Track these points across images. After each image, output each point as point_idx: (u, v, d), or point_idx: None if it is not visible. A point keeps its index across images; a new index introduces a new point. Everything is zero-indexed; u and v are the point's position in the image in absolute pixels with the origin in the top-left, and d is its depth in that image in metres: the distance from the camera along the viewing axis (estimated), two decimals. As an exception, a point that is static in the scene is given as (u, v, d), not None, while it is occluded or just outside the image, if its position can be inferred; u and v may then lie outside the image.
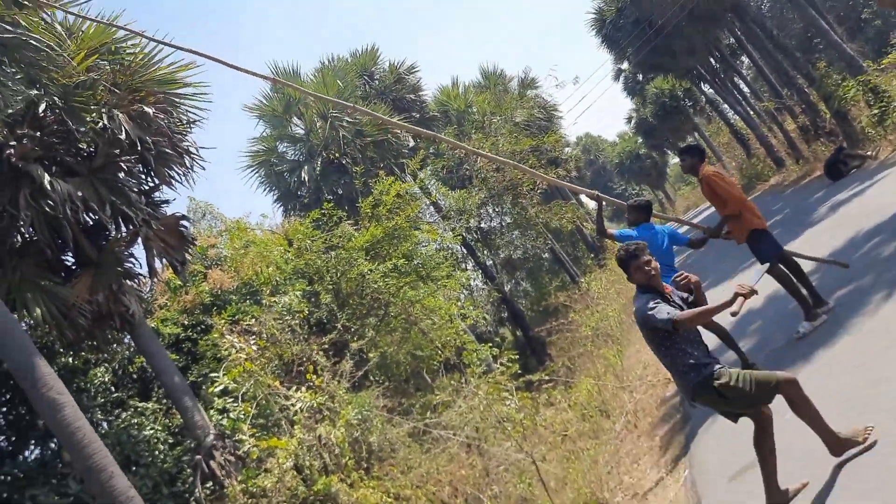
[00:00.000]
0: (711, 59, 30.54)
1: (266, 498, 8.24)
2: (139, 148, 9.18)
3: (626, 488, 7.31)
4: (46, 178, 8.22)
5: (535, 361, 22.27)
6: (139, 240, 9.70)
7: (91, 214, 9.34)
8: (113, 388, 11.79)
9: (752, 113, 32.09)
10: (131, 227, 9.64)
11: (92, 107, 8.94)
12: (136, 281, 10.26)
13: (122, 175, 9.37)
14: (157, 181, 10.14)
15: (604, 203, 7.89)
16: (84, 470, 6.44)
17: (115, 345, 10.37)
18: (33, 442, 10.35)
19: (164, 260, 9.98)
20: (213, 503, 8.73)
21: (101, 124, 8.95)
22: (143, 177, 10.15)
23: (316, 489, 8.27)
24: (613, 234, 7.50)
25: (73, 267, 9.71)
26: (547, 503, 8.07)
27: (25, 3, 7.54)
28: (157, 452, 9.95)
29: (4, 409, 10.63)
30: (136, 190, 9.72)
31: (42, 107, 8.52)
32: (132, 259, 9.97)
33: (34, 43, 7.79)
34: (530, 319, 25.08)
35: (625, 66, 36.46)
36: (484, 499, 8.60)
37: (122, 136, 8.97)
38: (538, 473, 8.56)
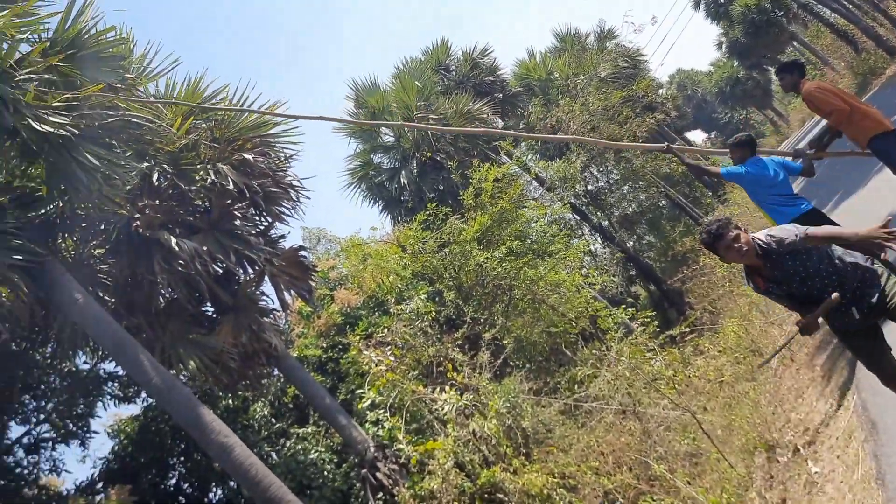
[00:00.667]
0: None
1: (436, 499, 8.48)
2: (247, 194, 9.65)
3: (795, 425, 7.01)
4: (173, 240, 8.81)
5: (675, 313, 21.73)
6: (266, 278, 10.20)
7: (219, 264, 9.90)
8: (273, 420, 12.51)
9: (850, 7, 29.71)
10: (257, 268, 10.15)
11: (198, 165, 9.48)
12: (272, 316, 10.79)
13: (237, 222, 9.85)
14: (270, 219, 10.61)
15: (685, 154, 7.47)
16: (263, 503, 6.85)
17: (265, 380, 10.93)
18: (214, 483, 11.17)
19: (291, 292, 10.45)
20: (387, 512, 9.07)
21: (209, 180, 9.47)
22: (258, 218, 10.65)
23: (480, 483, 8.43)
24: (719, 171, 7.05)
25: (214, 315, 10.34)
26: (714, 454, 7.90)
27: (119, 85, 8.07)
28: (326, 472, 10.45)
29: (182, 457, 11.51)
30: (253, 233, 10.23)
31: (155, 176, 9.12)
32: (264, 297, 10.50)
33: (135, 121, 8.32)
34: (661, 271, 24.40)
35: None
36: (650, 462, 8.47)
37: (230, 187, 9.47)
38: (699, 426, 8.40)
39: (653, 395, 9.48)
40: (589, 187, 24.85)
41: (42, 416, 12.42)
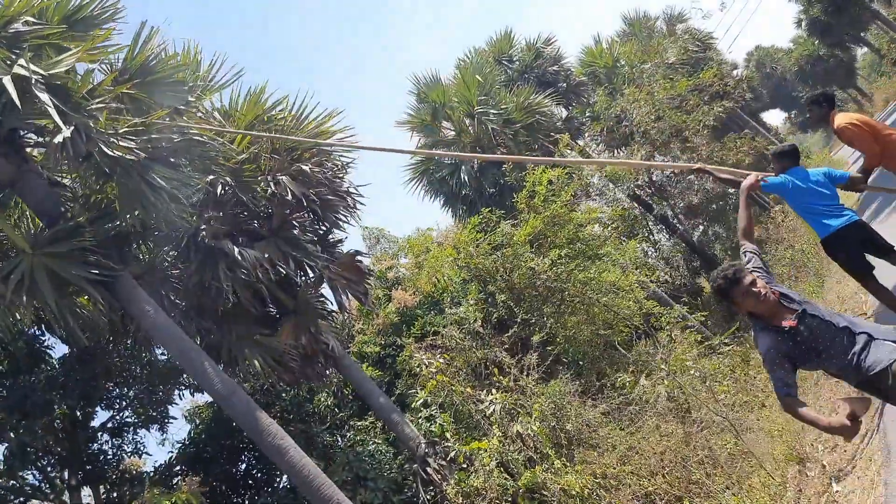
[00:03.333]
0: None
1: (480, 496, 8.90)
2: (304, 203, 10.21)
3: (826, 440, 7.08)
4: (236, 250, 9.47)
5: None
6: (324, 282, 10.78)
7: (280, 268, 10.52)
8: (337, 409, 13.16)
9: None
10: (315, 273, 10.73)
11: (258, 177, 10.08)
12: (331, 317, 11.37)
13: (296, 231, 10.42)
14: (327, 226, 11.16)
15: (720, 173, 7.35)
16: (316, 501, 7.41)
17: (324, 378, 11.53)
18: (280, 471, 11.88)
19: (348, 294, 10.98)
20: (435, 507, 9.53)
21: (269, 191, 10.07)
22: (316, 225, 11.20)
23: (522, 482, 8.79)
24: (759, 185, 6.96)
25: (277, 316, 10.98)
26: (751, 463, 8.06)
27: (183, 107, 8.71)
28: (383, 463, 10.96)
29: (251, 445, 12.24)
30: (312, 239, 10.79)
31: (219, 189, 9.76)
32: (322, 299, 11.06)
33: (199, 139, 8.94)
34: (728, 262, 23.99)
35: (780, -33, 33.36)
36: (691, 466, 8.64)
37: (289, 197, 10.04)
38: (737, 434, 8.54)
39: (702, 397, 9.60)
40: (654, 177, 24.57)
41: (125, 403, 13.39)
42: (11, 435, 10.35)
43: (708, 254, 24.36)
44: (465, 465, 9.44)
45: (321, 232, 11.24)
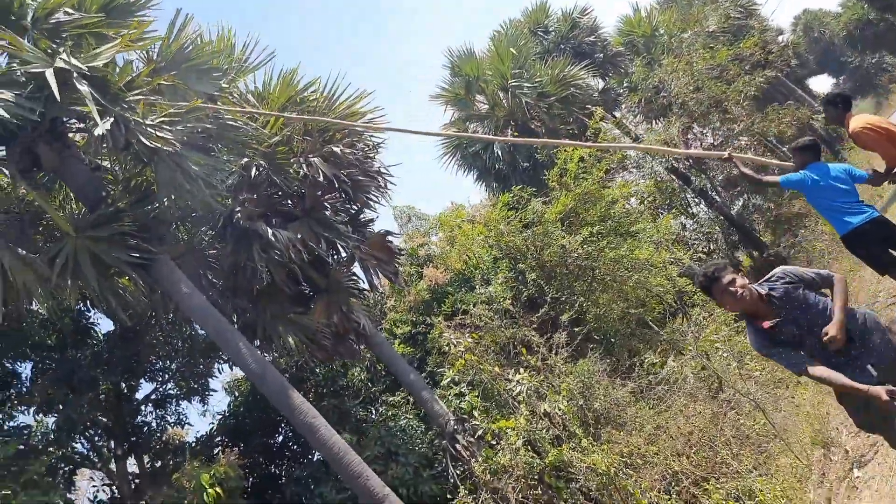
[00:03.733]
0: None
1: (507, 473, 9.09)
2: (336, 184, 10.39)
3: (850, 425, 7.08)
4: (269, 231, 9.72)
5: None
6: (355, 262, 10.99)
7: (313, 248, 10.75)
8: (370, 384, 13.46)
9: None
10: (347, 253, 10.95)
11: (291, 160, 10.27)
12: (362, 296, 11.60)
13: (328, 212, 10.62)
14: (358, 206, 11.34)
15: (744, 163, 7.29)
16: (346, 477, 7.69)
17: (356, 356, 11.80)
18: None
19: (379, 274, 11.19)
20: (463, 482, 9.76)
21: (301, 172, 10.26)
22: (348, 205, 11.39)
23: (549, 461, 8.94)
24: (777, 181, 6.73)
25: (311, 294, 11.25)
26: (778, 446, 8.11)
27: (216, 94, 8.90)
28: (414, 438, 11.21)
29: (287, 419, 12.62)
30: (344, 219, 10.98)
31: (253, 172, 9.99)
32: (354, 279, 11.29)
33: (233, 124, 9.15)
34: (768, 235, 23.65)
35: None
36: (718, 446, 8.72)
37: (321, 178, 10.22)
38: (765, 416, 8.58)
39: (733, 376, 9.63)
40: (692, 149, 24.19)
41: (167, 376, 13.88)
42: (60, 407, 10.86)
43: (747, 227, 24.03)
44: (493, 443, 9.63)
45: (352, 212, 11.43)
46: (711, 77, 22.06)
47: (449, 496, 9.42)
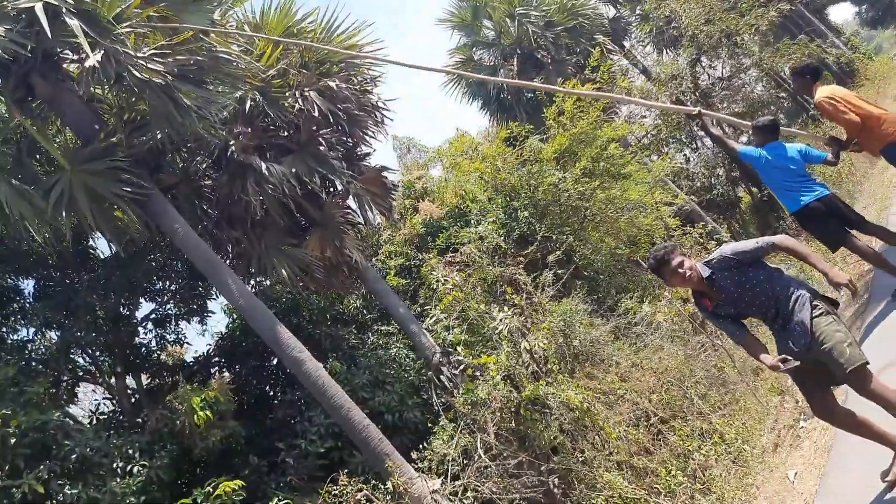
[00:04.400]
0: None
1: (486, 406, 9.50)
2: (331, 119, 10.43)
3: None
4: (263, 165, 9.85)
5: (774, 219, 21.30)
6: (350, 196, 11.14)
7: (306, 182, 10.89)
8: (365, 311, 13.82)
9: None
10: (341, 188, 11.09)
11: (286, 93, 10.29)
12: (356, 230, 11.79)
13: (322, 147, 10.69)
14: (354, 140, 11.40)
15: (713, 120, 7.44)
16: (329, 408, 8.10)
17: (349, 289, 12.08)
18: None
19: (373, 208, 11.36)
20: (446, 411, 10.19)
21: (297, 106, 10.30)
22: (344, 139, 11.45)
23: (525, 395, 9.33)
24: (737, 149, 7.08)
25: (305, 225, 11.44)
26: (742, 391, 8.46)
27: (208, 27, 8.86)
28: (404, 367, 11.59)
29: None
30: (339, 154, 11.06)
31: (247, 105, 10.03)
32: (348, 213, 11.46)
33: (226, 56, 9.15)
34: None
35: None
36: (687, 385, 9.08)
37: (316, 113, 10.27)
38: (732, 361, 8.94)
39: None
40: (700, 81, 23.84)
41: (167, 297, 14.22)
42: (59, 333, 11.25)
43: (747, 165, 23.92)
44: (475, 376, 9.99)
45: (349, 146, 11.50)
46: (724, 8, 21.57)
47: (430, 424, 9.85)
